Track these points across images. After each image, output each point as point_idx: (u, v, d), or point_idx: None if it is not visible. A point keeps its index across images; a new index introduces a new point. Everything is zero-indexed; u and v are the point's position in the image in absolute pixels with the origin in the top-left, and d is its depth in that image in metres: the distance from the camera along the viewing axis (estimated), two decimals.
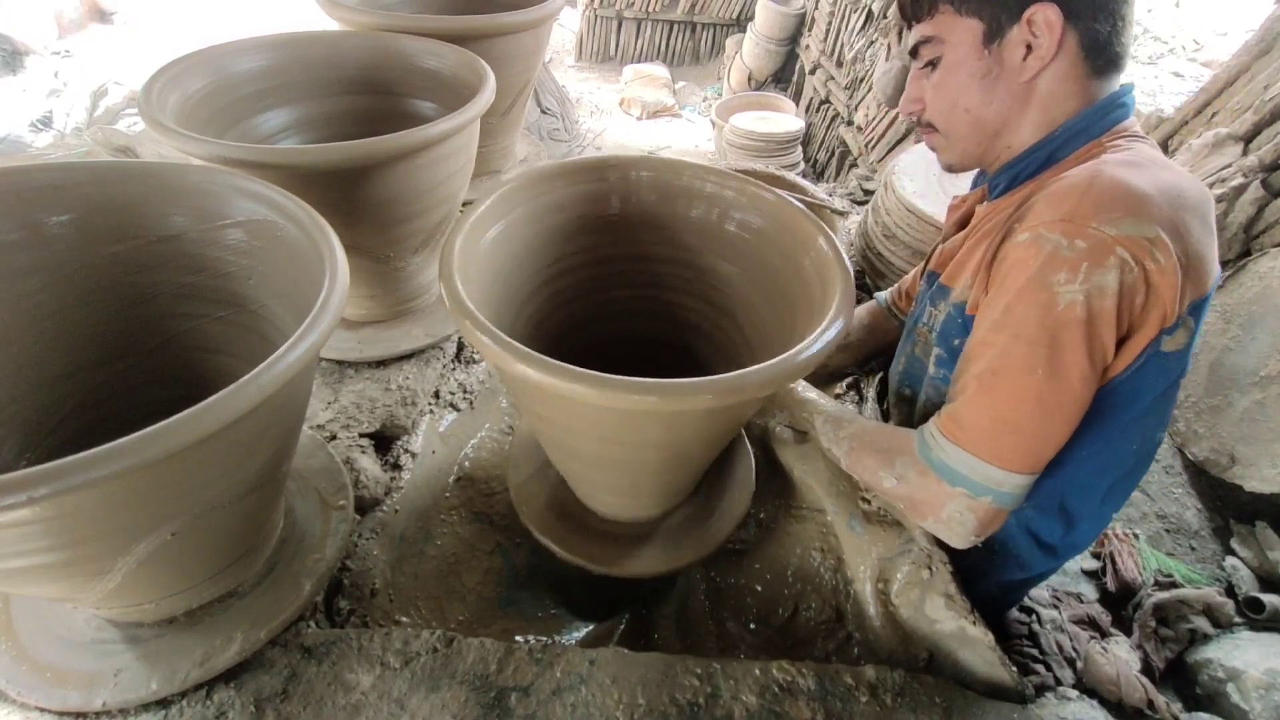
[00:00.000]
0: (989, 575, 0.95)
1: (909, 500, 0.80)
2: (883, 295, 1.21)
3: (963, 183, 1.48)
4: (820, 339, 0.71)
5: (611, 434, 0.78)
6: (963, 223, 0.95)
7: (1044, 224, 0.67)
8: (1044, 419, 0.70)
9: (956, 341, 0.84)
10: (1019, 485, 0.73)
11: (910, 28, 0.81)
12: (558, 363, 0.64)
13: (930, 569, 0.87)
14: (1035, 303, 0.67)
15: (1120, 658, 1.00)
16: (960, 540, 0.78)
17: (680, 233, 1.00)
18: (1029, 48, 0.72)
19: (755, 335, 0.97)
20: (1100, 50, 0.73)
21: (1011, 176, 0.81)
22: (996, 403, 0.71)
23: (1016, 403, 0.70)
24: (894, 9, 0.86)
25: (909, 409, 0.99)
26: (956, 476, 0.74)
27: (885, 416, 1.08)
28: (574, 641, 0.98)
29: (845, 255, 0.82)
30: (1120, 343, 0.69)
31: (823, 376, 1.24)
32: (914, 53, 0.81)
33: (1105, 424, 0.76)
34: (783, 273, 0.91)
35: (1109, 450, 0.79)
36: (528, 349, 0.66)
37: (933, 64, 0.79)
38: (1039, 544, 0.91)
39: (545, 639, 0.97)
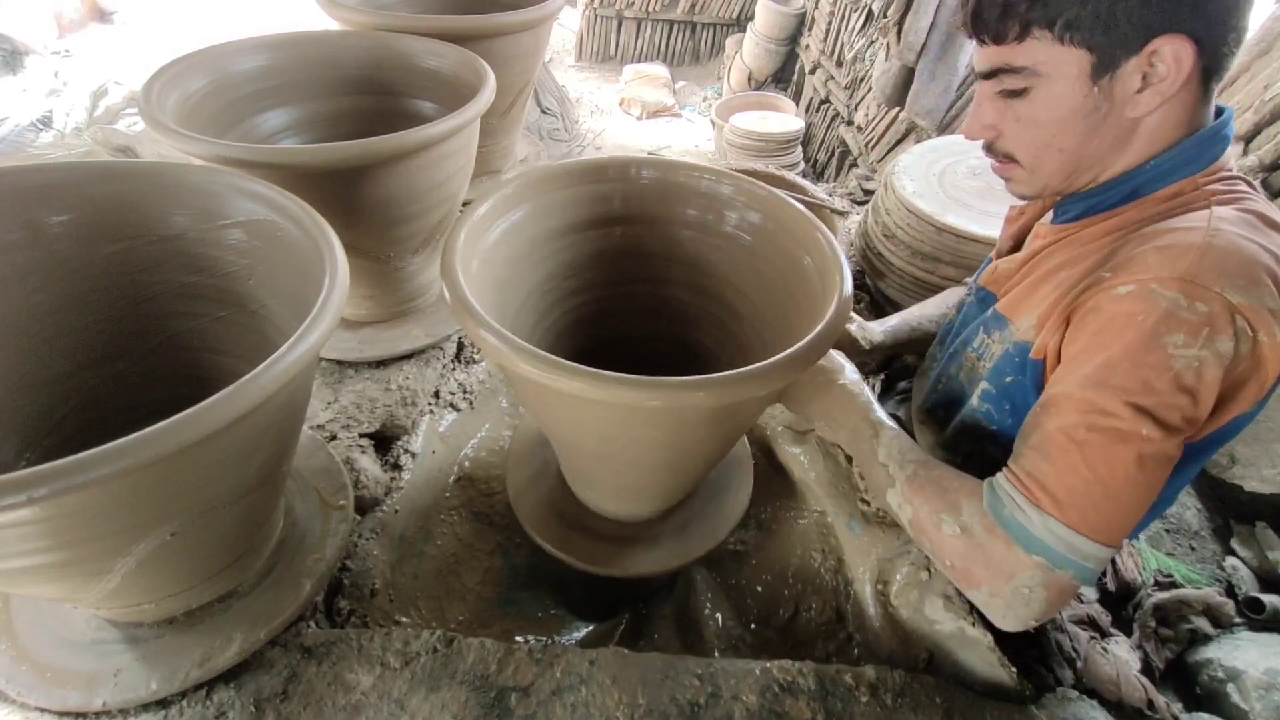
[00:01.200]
0: None
1: (969, 558, 0.68)
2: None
3: (967, 183, 1.49)
4: (816, 332, 0.71)
5: (613, 432, 0.78)
6: (1019, 238, 0.89)
7: (1157, 279, 0.61)
8: (1144, 486, 0.62)
9: (1009, 379, 0.78)
10: (1103, 559, 0.63)
11: (982, 43, 0.70)
12: (560, 360, 0.64)
13: (929, 570, 0.87)
14: (1145, 363, 0.60)
15: (1120, 658, 1.00)
16: (1019, 619, 0.67)
17: (681, 232, 1.00)
18: (1144, 79, 0.63)
19: (756, 333, 0.97)
20: (1219, 74, 0.65)
21: (1087, 206, 0.74)
22: (1093, 465, 0.62)
23: (1115, 467, 0.61)
24: (963, 18, 0.71)
25: (936, 433, 0.93)
26: (1035, 543, 0.63)
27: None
28: (574, 641, 0.98)
29: (844, 255, 0.82)
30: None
31: None
32: (990, 76, 0.71)
33: (1177, 478, 0.71)
34: (783, 271, 0.91)
35: (1166, 499, 0.77)
36: (531, 346, 0.66)
37: (1013, 92, 0.69)
38: None
39: (545, 639, 0.97)
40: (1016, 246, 0.89)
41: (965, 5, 0.70)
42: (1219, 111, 0.69)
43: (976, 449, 0.86)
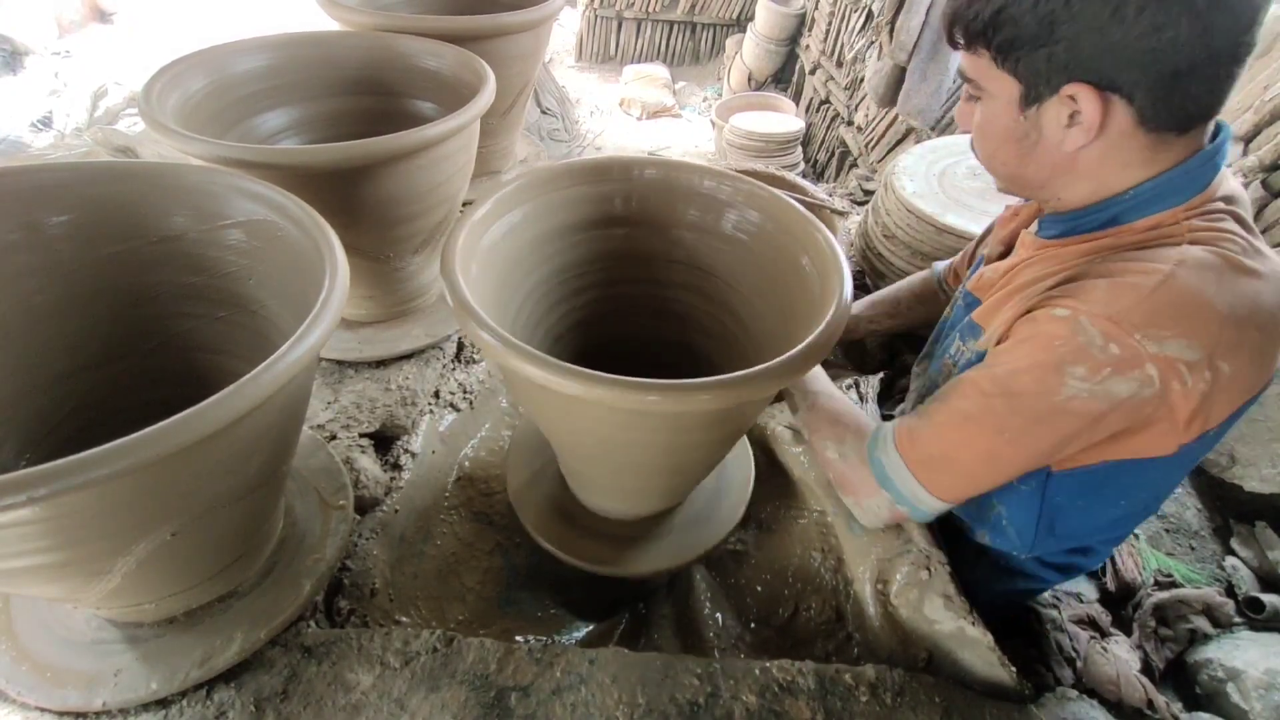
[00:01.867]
0: (994, 584, 0.95)
1: (840, 476, 0.85)
2: (940, 266, 1.19)
3: (967, 183, 1.49)
4: (814, 334, 0.71)
5: (612, 433, 0.78)
6: (1010, 242, 0.90)
7: (1089, 313, 0.63)
8: (987, 473, 0.73)
9: None
10: (937, 509, 0.78)
11: (955, 47, 0.72)
12: (560, 362, 0.64)
13: (929, 570, 0.87)
14: (1041, 381, 0.65)
15: (1120, 658, 1.00)
16: (868, 526, 0.89)
17: (681, 232, 1.00)
18: (1071, 117, 0.64)
19: (756, 334, 0.97)
20: (1169, 115, 0.62)
21: (1068, 227, 0.74)
22: (955, 441, 0.73)
23: (972, 451, 0.72)
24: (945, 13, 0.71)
25: None
26: (888, 482, 0.78)
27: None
28: (574, 641, 0.98)
29: (844, 255, 0.82)
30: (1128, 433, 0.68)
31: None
32: (962, 77, 0.73)
33: (1142, 491, 0.78)
34: (783, 272, 0.91)
35: (1144, 508, 0.82)
36: (531, 348, 0.66)
37: (974, 97, 0.72)
38: (1055, 568, 0.92)
39: (545, 639, 0.97)
40: (1007, 251, 0.90)
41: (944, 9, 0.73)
42: (1216, 131, 0.68)
43: None
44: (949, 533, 0.94)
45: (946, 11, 0.69)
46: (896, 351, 1.42)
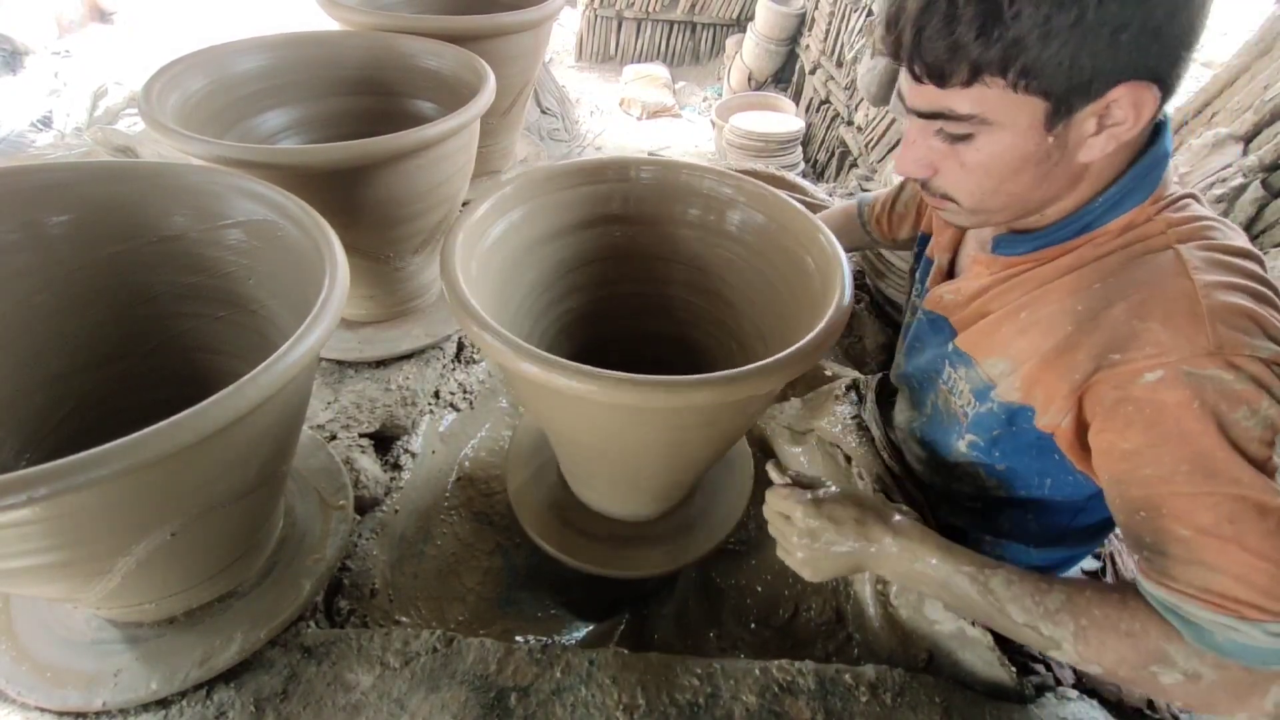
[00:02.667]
0: None
1: (1210, 697, 0.61)
2: (867, 198, 1.16)
3: None
4: (815, 330, 0.71)
5: (612, 431, 0.78)
6: (952, 249, 0.88)
7: (1186, 360, 0.59)
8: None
9: (997, 433, 0.79)
10: None
11: (922, 83, 0.62)
12: (559, 359, 0.64)
13: None
14: (1234, 441, 0.58)
15: None
16: None
17: (681, 232, 1.00)
18: (1099, 122, 0.59)
19: (756, 333, 0.97)
20: (1165, 104, 0.61)
21: (1037, 244, 0.72)
22: (1262, 552, 0.57)
23: (1276, 540, 0.57)
24: (891, 46, 0.63)
25: (932, 466, 0.94)
26: (1268, 654, 0.57)
27: (887, 422, 1.07)
28: (574, 641, 0.98)
29: (845, 255, 0.82)
30: None
31: (820, 376, 1.24)
32: (929, 116, 0.64)
33: None
34: (783, 271, 0.91)
35: None
36: (530, 346, 0.66)
37: (960, 137, 0.63)
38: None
39: (545, 639, 0.97)
40: (948, 262, 0.89)
41: (892, 30, 0.61)
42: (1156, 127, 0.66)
43: (971, 483, 0.89)
44: (955, 536, 0.94)
45: (932, 52, 0.59)
46: (897, 352, 1.42)
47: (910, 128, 0.68)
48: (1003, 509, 0.89)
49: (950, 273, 0.90)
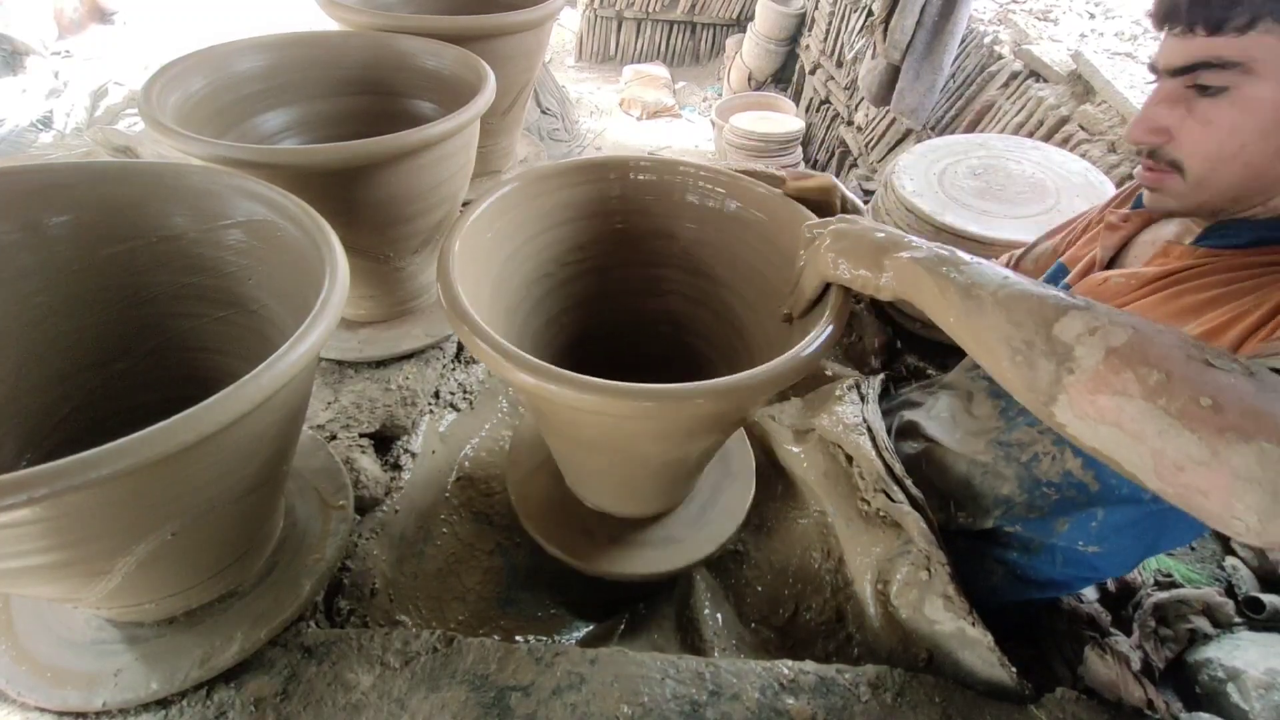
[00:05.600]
0: (1009, 594, 0.94)
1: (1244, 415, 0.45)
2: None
3: (966, 183, 1.49)
4: (818, 339, 0.71)
5: (609, 437, 0.78)
6: (1119, 248, 0.81)
7: None
8: None
9: None
10: None
11: (1187, 34, 0.59)
12: (555, 369, 0.64)
13: (929, 570, 0.87)
14: None
15: (1120, 658, 1.00)
16: None
17: (681, 232, 1.00)
18: None
19: (754, 333, 0.97)
20: None
21: (1262, 235, 0.65)
22: None
23: None
24: (1167, 6, 0.61)
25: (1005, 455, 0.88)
26: None
27: (902, 436, 1.07)
28: (574, 641, 0.98)
29: None
30: None
31: (820, 376, 1.24)
32: (1182, 72, 0.61)
33: None
34: (782, 271, 0.91)
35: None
36: (525, 354, 0.66)
37: (1206, 89, 0.60)
38: (1082, 577, 0.91)
39: (545, 639, 0.97)
40: (1113, 258, 0.83)
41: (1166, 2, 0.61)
42: None
43: (1053, 467, 0.84)
44: (958, 547, 0.93)
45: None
46: (897, 352, 1.42)
47: (1154, 94, 0.65)
48: (1061, 518, 0.85)
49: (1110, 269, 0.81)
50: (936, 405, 1.06)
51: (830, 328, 0.72)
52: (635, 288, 1.05)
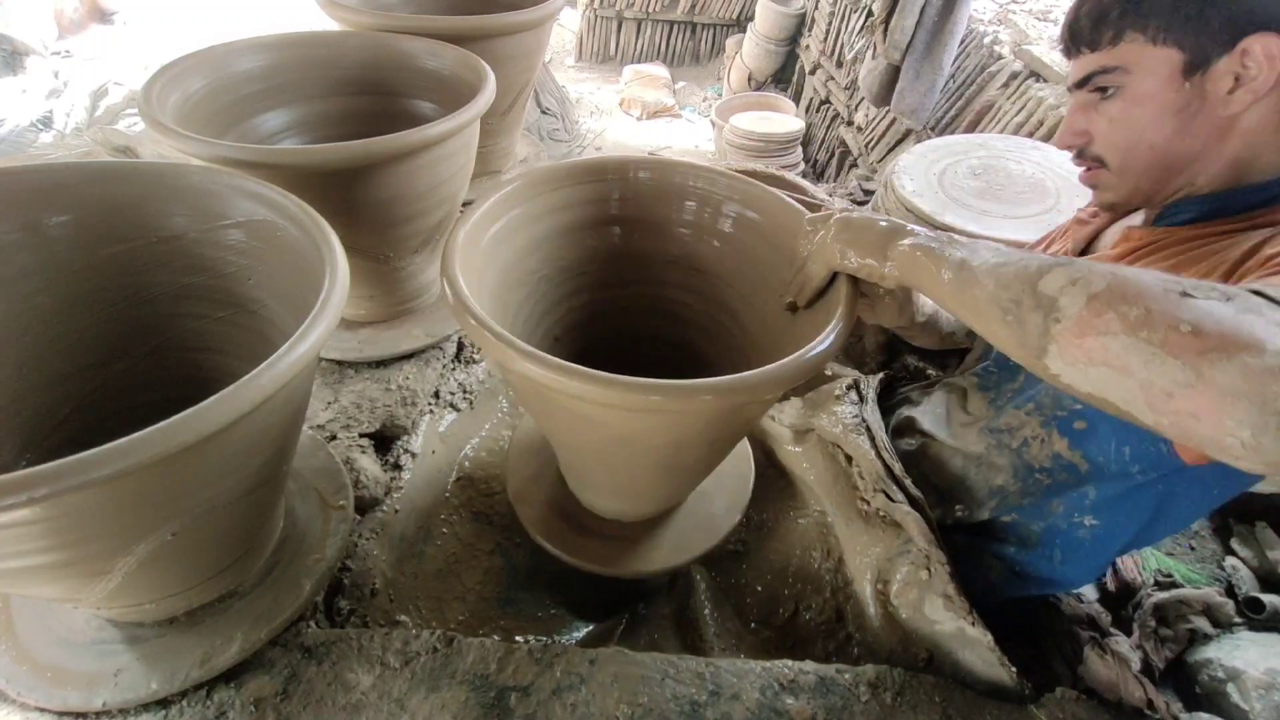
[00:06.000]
0: (1007, 591, 0.95)
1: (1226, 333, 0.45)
2: None
3: (966, 183, 1.49)
4: (825, 339, 0.71)
5: (611, 433, 0.78)
6: (1089, 240, 0.87)
7: None
8: None
9: None
10: None
11: (1078, 55, 0.73)
12: (561, 361, 0.64)
13: (929, 570, 0.87)
14: None
15: (1120, 658, 1.00)
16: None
17: (680, 232, 1.00)
18: (1237, 80, 0.64)
19: (756, 334, 0.97)
20: None
21: (1212, 209, 0.72)
22: None
23: None
24: (1062, 41, 0.77)
25: (998, 442, 0.91)
26: None
27: (900, 433, 1.07)
28: (574, 641, 0.98)
29: None
30: None
31: (820, 375, 1.23)
32: (1083, 83, 0.73)
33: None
34: (784, 272, 0.91)
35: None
36: (530, 347, 0.66)
37: (1103, 91, 0.72)
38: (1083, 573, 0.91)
39: (545, 639, 0.97)
40: (1082, 252, 0.88)
41: (1065, 29, 0.75)
42: None
43: (1042, 449, 0.86)
44: (956, 543, 0.94)
45: (1088, 22, 0.70)
46: (896, 351, 1.42)
47: (1071, 107, 0.77)
48: (1055, 499, 0.87)
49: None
50: (931, 402, 1.07)
51: (840, 325, 0.72)
52: (637, 289, 1.05)
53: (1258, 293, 0.48)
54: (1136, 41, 0.68)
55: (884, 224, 0.72)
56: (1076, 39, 0.73)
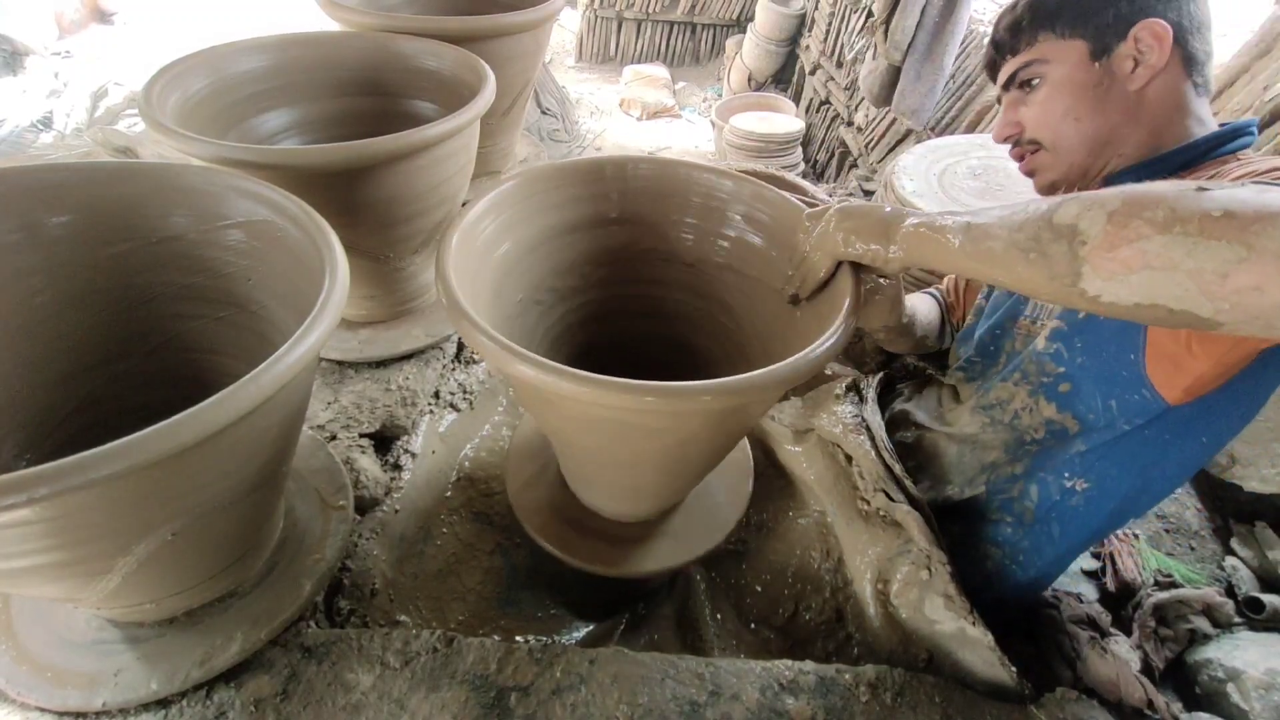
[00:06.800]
0: (1000, 584, 0.95)
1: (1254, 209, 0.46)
2: (937, 293, 1.19)
3: (966, 183, 1.49)
4: (826, 342, 0.71)
5: (611, 435, 0.78)
6: None
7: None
8: None
9: (1083, 315, 0.82)
10: None
11: (1003, 63, 0.85)
12: (556, 364, 0.64)
13: (929, 570, 0.87)
14: None
15: (1120, 658, 1.00)
16: None
17: (679, 231, 1.00)
18: (1136, 61, 0.76)
19: (756, 334, 0.97)
20: (1199, 68, 0.77)
21: (1139, 177, 0.78)
22: None
23: None
24: (986, 61, 0.90)
25: (992, 422, 0.95)
26: None
27: (895, 427, 1.07)
28: (574, 641, 0.98)
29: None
30: None
31: (820, 375, 1.24)
32: (1010, 83, 0.85)
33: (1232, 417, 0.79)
34: (787, 269, 0.91)
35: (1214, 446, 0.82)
36: (525, 350, 0.66)
37: (1029, 84, 0.83)
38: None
39: (545, 639, 0.97)
40: None
41: (986, 49, 0.88)
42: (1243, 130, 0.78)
43: (1031, 419, 0.90)
44: (953, 533, 0.94)
45: (1007, 33, 0.83)
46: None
47: (1002, 107, 0.88)
48: (1046, 464, 0.89)
49: None
50: (924, 397, 1.09)
51: (843, 325, 0.72)
52: (636, 290, 1.05)
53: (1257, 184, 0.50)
54: (1049, 39, 0.80)
55: (886, 210, 0.74)
56: (1000, 50, 0.86)
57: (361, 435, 1.10)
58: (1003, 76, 0.87)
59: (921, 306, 1.14)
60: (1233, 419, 0.80)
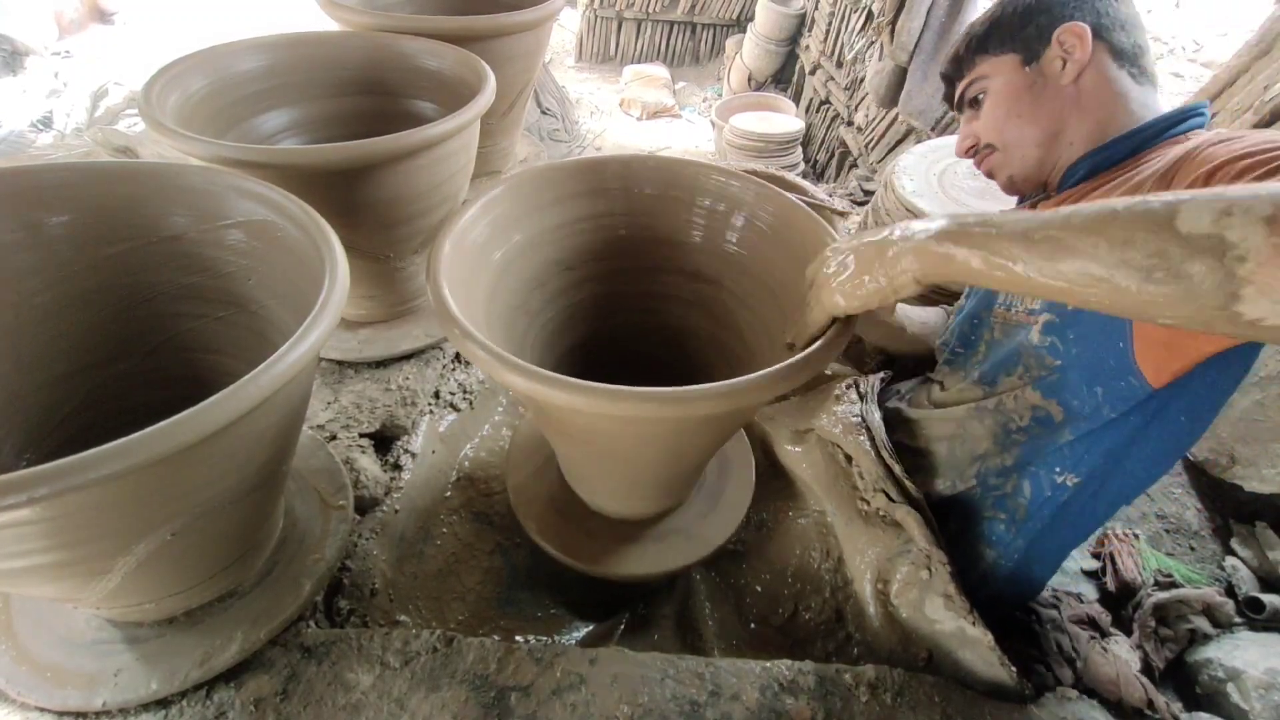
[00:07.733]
0: (995, 583, 0.95)
1: None
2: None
3: (966, 183, 1.49)
4: (826, 342, 0.71)
5: (608, 438, 0.78)
6: None
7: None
8: None
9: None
10: None
11: (954, 89, 0.95)
12: (546, 372, 0.64)
13: (929, 570, 0.87)
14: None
15: (1120, 658, 1.00)
16: None
17: (677, 232, 1.00)
18: (1064, 60, 0.83)
19: (755, 332, 0.97)
20: (1131, 59, 0.83)
21: (1095, 162, 0.84)
22: None
23: None
24: (945, 95, 1.00)
25: (987, 414, 0.94)
26: None
27: (889, 425, 1.08)
28: (574, 641, 0.98)
29: None
30: None
31: (820, 375, 1.23)
32: (961, 103, 0.95)
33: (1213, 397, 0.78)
34: (786, 272, 0.91)
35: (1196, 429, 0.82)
36: (515, 358, 0.65)
37: (977, 100, 0.92)
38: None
39: (545, 639, 0.97)
40: None
41: (944, 89, 0.98)
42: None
43: (1019, 404, 0.89)
44: (950, 532, 0.94)
45: (954, 64, 0.94)
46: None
47: (960, 127, 0.96)
48: (1035, 458, 0.89)
49: None
50: (915, 394, 1.09)
51: (838, 327, 0.72)
52: (636, 290, 1.05)
53: None
54: (985, 59, 0.90)
55: (868, 239, 0.69)
56: (949, 80, 0.97)
57: (361, 435, 1.10)
58: (956, 98, 0.96)
59: (932, 319, 1.16)
60: (1212, 395, 0.78)
